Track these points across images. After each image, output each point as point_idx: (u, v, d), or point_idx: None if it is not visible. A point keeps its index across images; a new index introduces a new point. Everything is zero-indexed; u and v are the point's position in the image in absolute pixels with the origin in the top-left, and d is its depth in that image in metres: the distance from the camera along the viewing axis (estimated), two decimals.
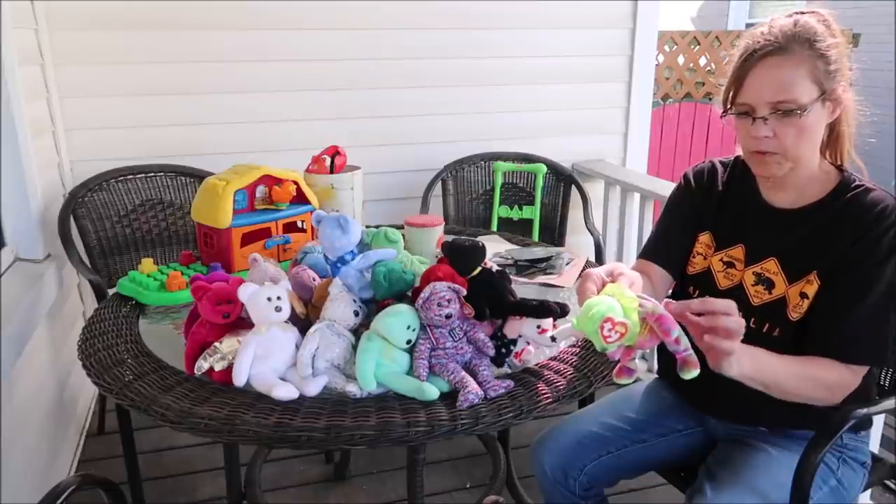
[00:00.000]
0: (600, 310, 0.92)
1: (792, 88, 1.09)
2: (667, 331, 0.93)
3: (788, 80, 1.09)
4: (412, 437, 0.94)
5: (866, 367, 1.15)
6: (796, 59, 1.09)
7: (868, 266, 1.12)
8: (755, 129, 1.13)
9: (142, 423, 2.02)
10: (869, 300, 1.11)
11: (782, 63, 1.09)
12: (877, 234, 1.11)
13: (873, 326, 1.12)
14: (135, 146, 2.45)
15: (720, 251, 1.30)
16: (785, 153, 1.13)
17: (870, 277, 1.11)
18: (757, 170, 1.21)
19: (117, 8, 2.32)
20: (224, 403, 0.99)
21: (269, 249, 1.47)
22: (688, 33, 6.15)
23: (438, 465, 2.15)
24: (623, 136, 3.06)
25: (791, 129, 1.11)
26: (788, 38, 1.10)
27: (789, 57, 1.09)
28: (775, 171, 1.17)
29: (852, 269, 1.13)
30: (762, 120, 1.12)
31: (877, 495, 1.98)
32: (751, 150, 1.17)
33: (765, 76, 1.10)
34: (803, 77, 1.09)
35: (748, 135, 1.15)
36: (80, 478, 0.97)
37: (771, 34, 1.11)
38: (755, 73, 1.11)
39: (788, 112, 1.10)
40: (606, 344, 0.92)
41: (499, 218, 2.71)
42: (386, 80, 2.68)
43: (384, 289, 1.12)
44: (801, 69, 1.09)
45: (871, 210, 1.13)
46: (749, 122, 1.14)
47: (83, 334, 1.25)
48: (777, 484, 1.17)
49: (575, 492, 1.36)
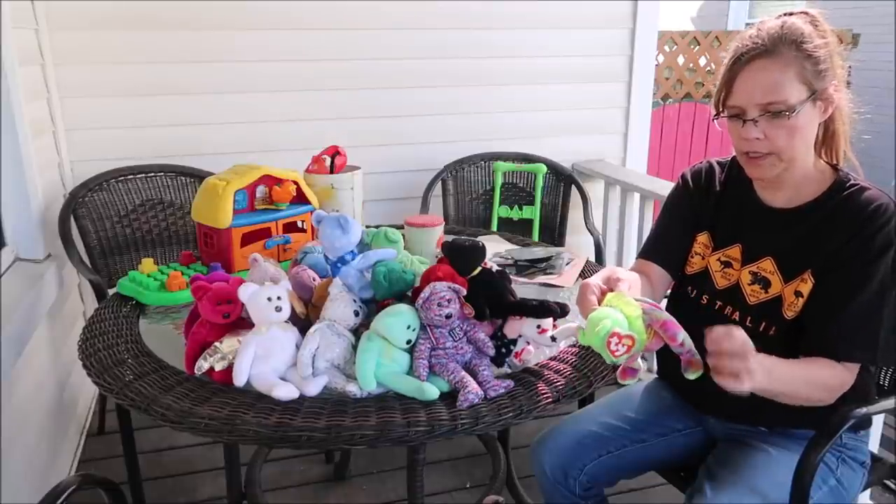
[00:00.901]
0: (605, 326, 0.92)
1: (780, 90, 1.10)
2: (672, 336, 0.94)
3: (776, 81, 1.10)
4: (412, 437, 0.94)
5: (859, 365, 1.15)
6: (783, 61, 1.10)
7: (860, 264, 1.12)
8: (746, 131, 1.14)
9: (142, 423, 2.02)
10: (861, 298, 1.12)
11: (769, 65, 1.10)
12: (870, 231, 1.12)
13: (866, 324, 1.12)
14: (135, 146, 2.45)
15: (718, 251, 1.31)
16: (778, 154, 1.14)
17: (862, 275, 1.12)
18: (750, 171, 1.22)
19: (117, 8, 2.32)
20: (224, 403, 0.99)
21: (269, 249, 1.48)
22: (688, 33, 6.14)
23: (438, 465, 2.15)
24: (623, 136, 3.06)
25: (781, 130, 1.12)
26: (775, 39, 1.11)
27: (776, 59, 1.10)
28: (768, 173, 1.18)
29: (845, 267, 1.13)
30: (752, 122, 1.13)
31: (876, 495, 1.98)
32: (742, 151, 1.18)
33: (753, 78, 1.11)
34: (791, 79, 1.10)
35: (739, 137, 1.16)
36: (80, 478, 0.97)
37: (759, 37, 1.12)
38: (743, 75, 1.12)
39: (778, 113, 1.11)
40: (615, 358, 0.92)
41: (499, 218, 2.71)
42: (386, 80, 2.68)
43: (384, 289, 1.12)
44: (788, 71, 1.10)
45: (865, 208, 1.13)
46: (740, 125, 1.15)
47: (83, 334, 1.25)
48: (777, 483, 1.17)
49: (575, 492, 1.36)
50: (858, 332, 1.13)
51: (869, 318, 1.12)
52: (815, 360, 1.13)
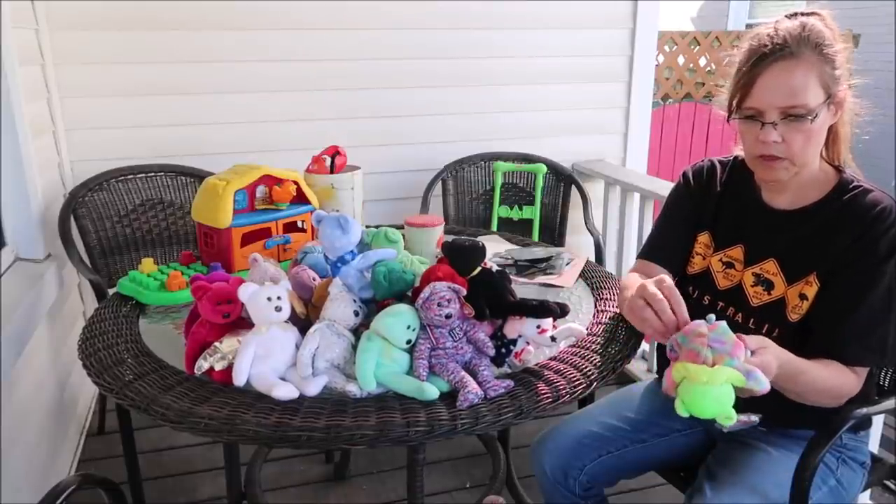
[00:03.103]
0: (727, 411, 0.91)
1: (802, 93, 1.08)
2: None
3: (799, 85, 1.08)
4: (412, 437, 0.94)
5: (867, 369, 1.15)
6: (806, 64, 1.08)
7: (867, 267, 1.12)
8: (764, 134, 1.12)
9: (142, 423, 2.03)
10: (868, 301, 1.11)
11: (792, 68, 1.08)
12: (875, 235, 1.11)
13: (873, 328, 1.12)
14: (135, 146, 2.45)
15: (719, 251, 1.30)
16: (792, 158, 1.13)
17: (870, 278, 1.11)
18: (762, 174, 1.20)
19: (117, 8, 2.32)
20: (224, 403, 0.99)
21: (269, 249, 1.47)
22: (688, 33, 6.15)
23: (438, 465, 2.15)
24: (623, 136, 3.06)
25: (800, 134, 1.10)
26: (798, 42, 1.09)
27: (799, 62, 1.08)
28: (782, 176, 1.16)
29: (852, 270, 1.13)
30: (771, 125, 1.11)
31: (876, 495, 1.98)
32: (757, 154, 1.16)
33: (775, 81, 1.09)
34: (813, 82, 1.08)
35: (756, 139, 1.14)
36: (80, 477, 0.97)
37: (778, 37, 1.10)
38: (765, 77, 1.10)
39: (798, 117, 1.09)
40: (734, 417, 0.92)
41: (499, 218, 2.71)
42: (386, 80, 2.68)
43: (384, 289, 1.12)
44: (810, 74, 1.08)
45: (869, 211, 1.13)
46: (758, 127, 1.13)
47: (83, 334, 1.25)
48: (776, 484, 1.17)
49: (575, 492, 1.36)
50: (868, 335, 1.12)
51: (878, 322, 1.12)
52: (827, 363, 1.12)
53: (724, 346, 0.94)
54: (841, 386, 1.12)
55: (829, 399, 1.13)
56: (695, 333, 0.96)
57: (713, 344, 0.94)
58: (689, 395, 0.92)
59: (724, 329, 0.95)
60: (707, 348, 0.93)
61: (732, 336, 0.95)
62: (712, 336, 0.95)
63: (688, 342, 0.96)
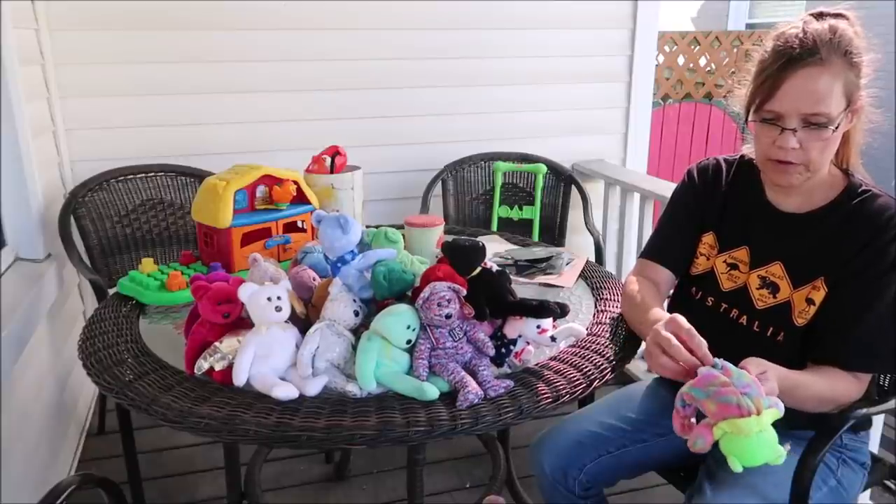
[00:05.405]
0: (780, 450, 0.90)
1: (827, 102, 1.06)
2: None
3: (824, 92, 1.06)
4: (412, 437, 0.94)
5: (871, 375, 1.15)
6: (833, 72, 1.06)
7: (875, 275, 1.11)
8: (783, 139, 1.10)
9: (142, 423, 2.02)
10: (876, 309, 1.11)
11: (820, 74, 1.05)
12: (884, 242, 1.10)
13: (881, 336, 1.12)
14: (135, 146, 2.44)
15: (724, 252, 1.29)
16: (808, 165, 1.11)
17: (877, 286, 1.11)
18: (775, 177, 1.17)
19: (117, 8, 2.32)
20: (224, 403, 0.99)
21: (269, 249, 1.48)
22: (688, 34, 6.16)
23: (438, 465, 2.15)
24: (623, 137, 3.06)
25: (818, 142, 1.09)
26: (827, 47, 1.06)
27: (827, 69, 1.05)
28: (794, 181, 1.15)
29: (860, 278, 1.12)
30: (791, 131, 1.09)
31: (876, 495, 1.98)
32: (771, 158, 1.14)
33: (801, 87, 1.06)
34: (838, 91, 1.06)
35: (773, 143, 1.12)
36: (80, 477, 0.97)
37: (808, 39, 1.07)
38: (791, 82, 1.07)
39: (819, 125, 1.07)
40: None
41: (499, 218, 2.71)
42: (386, 80, 2.68)
43: (384, 289, 1.12)
44: (837, 82, 1.06)
45: (879, 217, 1.12)
46: (776, 132, 1.11)
47: (83, 334, 1.25)
48: (777, 484, 1.17)
49: (575, 492, 1.36)
50: (875, 343, 1.12)
51: (885, 329, 1.11)
52: (827, 372, 1.12)
53: (751, 388, 0.90)
54: (841, 395, 1.12)
55: (830, 407, 1.13)
56: (717, 384, 0.91)
57: (744, 390, 0.90)
58: (743, 448, 0.89)
59: (739, 372, 0.92)
60: (742, 396, 0.90)
61: (749, 375, 0.92)
62: (737, 383, 0.91)
63: (713, 396, 0.91)
